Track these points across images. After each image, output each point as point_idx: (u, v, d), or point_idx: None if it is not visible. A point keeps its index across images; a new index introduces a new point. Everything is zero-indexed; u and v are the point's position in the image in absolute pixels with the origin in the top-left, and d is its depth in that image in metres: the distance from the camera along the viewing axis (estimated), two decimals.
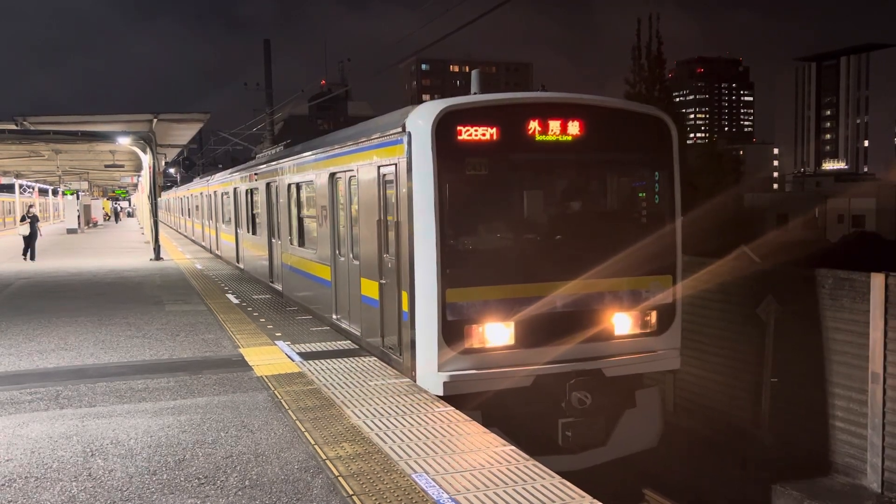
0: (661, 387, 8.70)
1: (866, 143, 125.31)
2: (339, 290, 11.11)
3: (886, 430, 8.77)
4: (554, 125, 8.09)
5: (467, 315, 7.78)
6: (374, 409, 7.19)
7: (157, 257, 25.07)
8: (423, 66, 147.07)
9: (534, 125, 8.03)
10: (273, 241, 15.91)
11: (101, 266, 23.12)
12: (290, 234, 14.12)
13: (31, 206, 29.62)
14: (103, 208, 69.62)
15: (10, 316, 13.37)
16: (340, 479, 5.48)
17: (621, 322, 8.39)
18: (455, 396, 7.56)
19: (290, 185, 13.89)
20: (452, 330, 7.72)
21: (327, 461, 5.84)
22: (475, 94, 8.89)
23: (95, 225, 59.71)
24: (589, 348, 8.19)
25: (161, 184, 39.98)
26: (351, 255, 10.32)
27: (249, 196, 18.82)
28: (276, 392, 7.90)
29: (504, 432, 6.96)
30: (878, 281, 8.78)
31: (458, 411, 7.06)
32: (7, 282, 19.14)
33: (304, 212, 13.32)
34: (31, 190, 64.69)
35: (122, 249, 30.97)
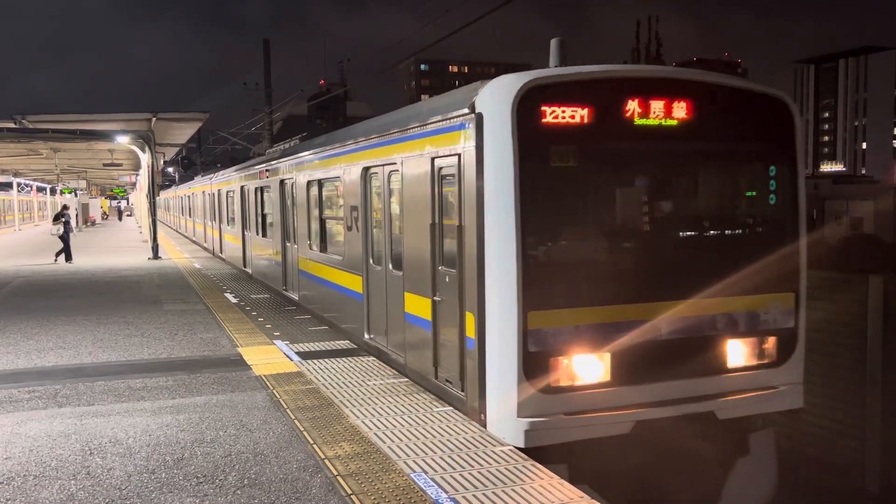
0: (776, 429, 7.26)
1: (864, 146, 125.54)
2: (372, 304, 9.56)
3: None
4: (657, 106, 6.57)
5: (554, 344, 6.23)
6: (373, 408, 7.20)
7: (156, 256, 25.07)
8: (423, 67, 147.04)
9: (632, 106, 6.47)
10: (287, 244, 14.48)
11: (100, 265, 23.10)
12: (310, 238, 12.58)
13: (65, 206, 27.64)
14: (101, 207, 69.61)
15: (8, 314, 13.36)
16: (339, 478, 5.49)
17: (736, 352, 6.90)
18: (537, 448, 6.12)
19: (309, 183, 12.41)
20: (536, 363, 6.16)
21: (326, 460, 5.85)
22: (556, 67, 7.25)
23: (94, 224, 59.69)
24: (698, 385, 6.69)
25: (160, 183, 39.94)
26: (390, 265, 8.81)
27: (259, 195, 17.31)
28: (274, 391, 7.90)
29: (595, 490, 5.97)
30: None
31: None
32: (5, 280, 19.12)
33: (328, 212, 11.86)
34: (29, 188, 64.60)
35: (121, 248, 30.94)
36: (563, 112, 6.25)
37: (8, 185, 54.11)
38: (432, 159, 7.40)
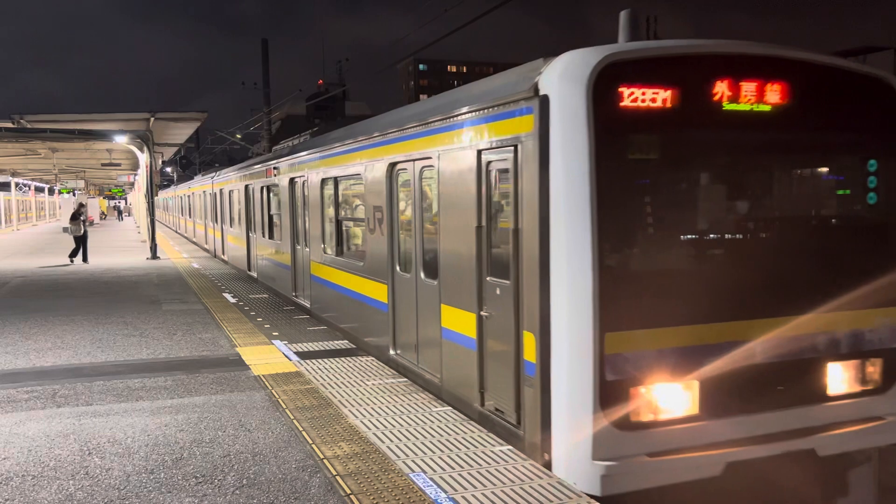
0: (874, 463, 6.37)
1: None
2: (400, 316, 8.63)
3: None
4: (748, 89, 5.61)
5: (635, 372, 5.30)
6: (372, 408, 7.19)
7: (154, 256, 25.07)
8: (421, 67, 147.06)
9: (721, 88, 5.53)
10: (298, 247, 13.63)
11: (98, 265, 23.07)
12: (324, 241, 11.74)
13: (82, 204, 26.78)
14: (100, 207, 69.55)
15: (6, 314, 13.35)
16: (338, 478, 5.49)
17: (838, 377, 5.94)
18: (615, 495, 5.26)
19: (324, 181, 11.51)
20: (614, 395, 5.22)
21: (325, 460, 5.84)
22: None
23: (92, 224, 59.65)
24: (796, 417, 5.75)
25: (158, 183, 39.91)
26: (421, 273, 7.92)
27: (266, 194, 16.37)
28: (273, 391, 7.90)
29: None
30: None
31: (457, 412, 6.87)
32: (3, 280, 19.10)
33: (346, 213, 11.01)
34: (27, 188, 64.55)
35: (119, 248, 30.91)
36: (644, 94, 5.29)
37: (6, 185, 54.06)
38: (479, 152, 6.46)
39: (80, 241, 23.96)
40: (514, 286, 5.92)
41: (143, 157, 26.70)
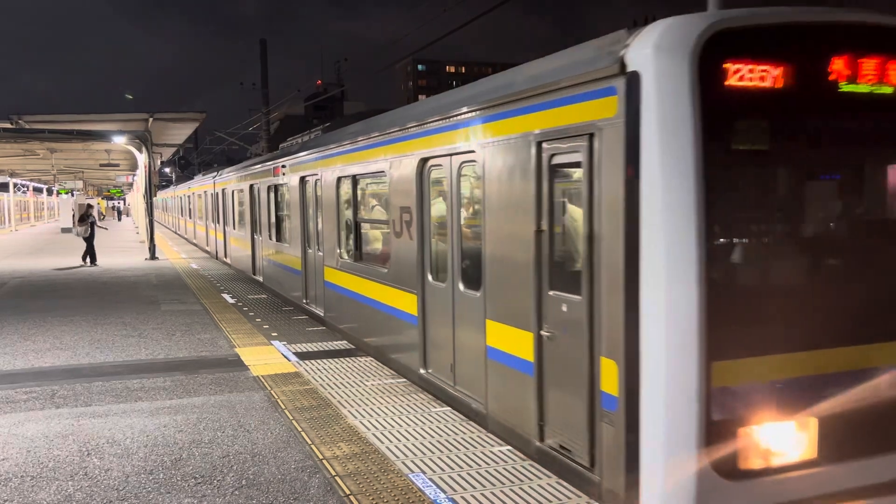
0: None
1: None
2: (432, 331, 7.76)
3: None
4: (868, 67, 4.67)
5: (746, 408, 4.45)
6: (371, 408, 7.19)
7: (153, 257, 25.06)
8: (420, 67, 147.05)
9: (838, 65, 4.61)
10: (309, 251, 12.75)
11: (96, 265, 23.05)
12: (339, 245, 10.92)
13: (90, 205, 26.12)
14: (98, 207, 69.51)
15: (4, 315, 13.34)
16: (337, 478, 5.48)
17: None
18: None
19: (340, 179, 10.62)
20: (721, 436, 4.34)
21: (324, 461, 5.84)
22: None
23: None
24: None
25: (157, 183, 39.88)
26: (460, 283, 7.06)
27: (273, 194, 15.50)
28: (272, 392, 7.90)
29: None
30: None
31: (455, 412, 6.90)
32: (2, 281, 19.08)
33: (366, 214, 10.26)
34: (25, 189, 64.50)
35: (117, 249, 30.89)
36: (753, 71, 4.38)
37: (5, 186, 54.00)
38: (539, 143, 5.50)
39: (88, 242, 23.48)
40: (588, 303, 4.99)
41: (142, 158, 26.69)
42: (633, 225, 4.50)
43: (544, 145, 5.45)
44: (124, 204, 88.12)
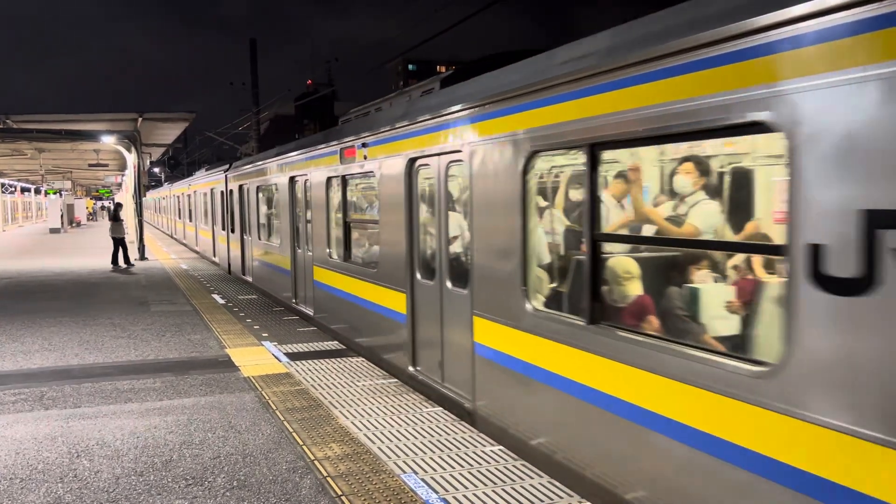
0: None
1: None
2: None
3: None
4: None
5: None
6: (363, 409, 7.18)
7: (142, 257, 24.94)
8: (410, 67, 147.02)
9: None
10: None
11: (85, 266, 22.93)
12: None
13: (119, 204, 25.02)
14: (87, 208, 69.12)
15: None
16: (329, 479, 5.47)
17: None
18: None
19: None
20: None
21: (316, 462, 5.83)
22: None
23: (79, 225, 59.27)
24: None
25: (146, 183, 39.68)
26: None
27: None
28: (263, 393, 7.87)
29: None
30: None
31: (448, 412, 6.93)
32: None
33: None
34: (12, 189, 64.05)
35: (107, 249, 30.68)
36: None
37: None
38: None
39: (120, 244, 22.50)
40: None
41: (131, 158, 26.54)
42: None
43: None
44: (113, 203, 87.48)
